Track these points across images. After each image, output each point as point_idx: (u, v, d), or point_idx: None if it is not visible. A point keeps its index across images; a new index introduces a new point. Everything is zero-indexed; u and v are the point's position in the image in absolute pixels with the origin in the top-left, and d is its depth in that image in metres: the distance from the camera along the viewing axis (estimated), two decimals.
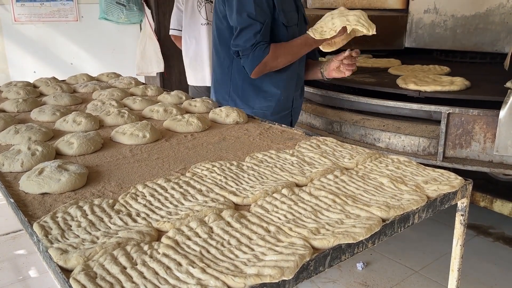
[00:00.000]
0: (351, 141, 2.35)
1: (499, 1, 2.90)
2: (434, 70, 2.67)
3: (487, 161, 2.01)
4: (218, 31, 1.98)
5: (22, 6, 3.98)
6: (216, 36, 2.00)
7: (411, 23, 3.37)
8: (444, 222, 2.83)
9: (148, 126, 1.48)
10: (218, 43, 2.00)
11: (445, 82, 2.21)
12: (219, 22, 1.96)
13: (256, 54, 1.83)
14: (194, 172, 1.17)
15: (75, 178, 1.09)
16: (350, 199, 0.98)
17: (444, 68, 2.70)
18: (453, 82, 2.22)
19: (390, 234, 0.91)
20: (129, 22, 4.36)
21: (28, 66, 4.11)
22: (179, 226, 0.87)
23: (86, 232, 0.86)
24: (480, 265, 2.45)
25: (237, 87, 2.00)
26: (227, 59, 1.99)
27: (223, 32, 1.96)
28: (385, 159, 1.25)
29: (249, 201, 0.99)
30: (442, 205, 1.04)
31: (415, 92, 2.16)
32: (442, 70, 2.68)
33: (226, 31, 1.94)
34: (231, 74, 1.99)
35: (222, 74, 2.04)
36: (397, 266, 2.47)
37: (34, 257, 2.61)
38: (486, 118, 1.96)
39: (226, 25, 1.92)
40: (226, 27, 1.93)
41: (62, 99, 1.96)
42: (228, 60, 1.99)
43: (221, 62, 2.01)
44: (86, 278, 0.71)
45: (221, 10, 1.92)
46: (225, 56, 1.99)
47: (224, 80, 2.03)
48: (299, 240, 0.81)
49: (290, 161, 1.23)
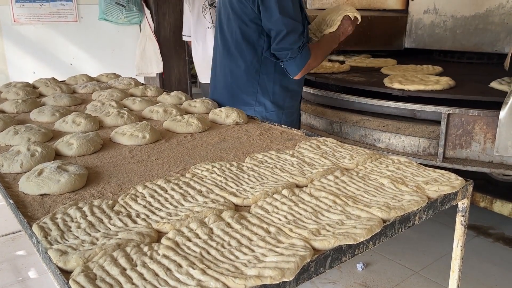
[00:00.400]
0: (351, 142, 2.35)
1: (499, 2, 2.90)
2: (426, 70, 2.69)
3: (487, 162, 2.01)
4: (244, 35, 1.92)
5: (21, 6, 3.98)
6: (241, 40, 1.93)
7: (411, 24, 3.37)
8: (444, 223, 2.83)
9: (148, 126, 1.48)
10: (243, 46, 1.94)
11: (431, 82, 2.24)
12: (244, 26, 1.90)
13: (303, 55, 1.85)
14: (194, 173, 1.16)
15: (74, 179, 1.09)
16: (350, 200, 0.98)
17: (437, 68, 2.72)
18: (439, 81, 2.25)
19: (391, 235, 0.91)
20: (128, 23, 4.36)
21: (28, 66, 4.10)
22: (179, 227, 0.87)
23: (85, 233, 0.86)
24: (480, 266, 2.45)
25: (266, 91, 1.97)
26: (256, 63, 1.94)
27: (251, 35, 1.91)
28: (386, 159, 1.25)
29: (249, 202, 0.99)
30: (443, 206, 1.03)
31: (399, 91, 2.21)
32: (435, 69, 2.70)
33: (254, 34, 1.90)
34: (259, 77, 1.95)
35: (248, 79, 1.96)
36: (397, 266, 2.47)
37: (33, 258, 2.60)
38: (486, 119, 1.96)
39: (254, 28, 1.89)
40: (254, 29, 1.89)
41: (62, 99, 1.95)
42: (257, 63, 1.94)
43: (248, 66, 1.95)
44: (86, 279, 0.71)
45: (248, 13, 1.87)
46: (252, 60, 1.94)
47: (250, 84, 1.97)
48: (299, 241, 0.80)
49: (290, 162, 1.23)
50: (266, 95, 1.97)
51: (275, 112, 1.99)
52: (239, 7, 1.89)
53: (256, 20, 1.87)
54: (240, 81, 1.98)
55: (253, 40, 1.91)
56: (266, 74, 1.95)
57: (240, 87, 1.99)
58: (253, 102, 1.98)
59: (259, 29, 1.89)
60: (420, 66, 2.79)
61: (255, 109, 1.98)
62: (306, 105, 2.67)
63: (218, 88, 2.10)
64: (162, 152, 1.36)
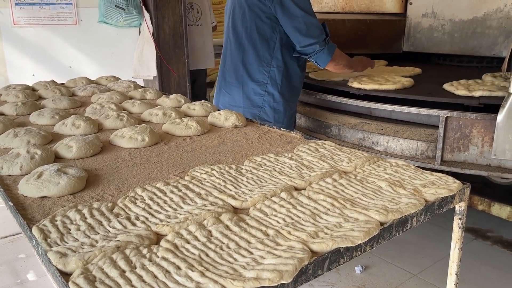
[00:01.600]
0: (350, 145, 2.36)
1: (497, 6, 2.92)
2: (405, 71, 2.83)
3: (485, 165, 2.02)
4: (259, 30, 2.10)
5: (21, 9, 3.98)
6: (256, 34, 2.11)
7: (409, 27, 3.38)
8: (442, 226, 2.83)
9: (147, 129, 1.48)
10: (258, 41, 2.12)
11: (390, 82, 2.40)
12: (259, 21, 2.09)
13: (330, 46, 2.05)
14: (193, 175, 1.17)
15: (74, 182, 1.09)
16: (348, 203, 0.99)
17: (416, 69, 2.85)
18: (398, 82, 2.39)
19: (389, 237, 0.92)
20: (128, 26, 4.36)
21: (27, 69, 4.10)
22: (178, 229, 0.88)
23: (85, 236, 0.86)
24: (478, 269, 2.45)
25: (275, 82, 2.15)
26: (268, 56, 2.12)
27: (265, 30, 2.10)
28: (384, 162, 1.26)
29: (248, 205, 1.00)
30: (440, 209, 1.04)
31: (355, 90, 2.41)
32: (414, 71, 2.83)
33: (269, 29, 2.09)
34: (270, 70, 2.14)
35: (260, 70, 2.15)
36: (395, 269, 2.47)
37: (32, 260, 2.60)
38: (484, 122, 1.97)
39: (270, 24, 2.07)
40: (270, 25, 2.08)
41: (61, 102, 1.96)
42: (269, 56, 2.12)
43: (260, 59, 2.13)
44: (85, 281, 0.71)
45: (265, 10, 2.05)
46: (264, 53, 2.12)
47: (261, 75, 2.15)
48: (297, 244, 0.81)
49: (288, 165, 1.23)
50: (275, 86, 2.15)
51: (282, 102, 2.17)
52: (256, 5, 2.07)
53: (271, 17, 2.06)
54: (252, 72, 2.16)
55: (267, 35, 2.10)
56: (276, 67, 2.13)
57: (252, 77, 2.17)
58: (263, 92, 2.16)
59: (273, 25, 2.07)
60: (401, 68, 2.92)
61: (264, 98, 2.16)
62: (304, 108, 2.68)
63: (227, 79, 2.28)
64: (161, 155, 1.37)
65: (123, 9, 4.23)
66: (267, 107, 2.15)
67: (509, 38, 2.87)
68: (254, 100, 2.15)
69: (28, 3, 4.00)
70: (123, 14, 4.25)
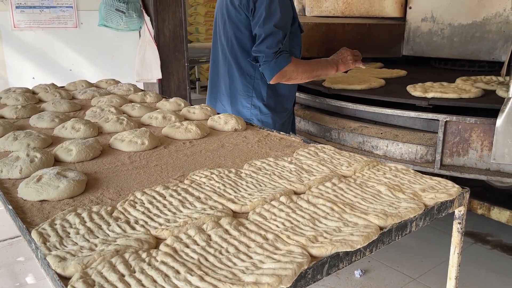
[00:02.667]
0: (349, 149, 2.36)
1: (496, 10, 2.93)
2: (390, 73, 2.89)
3: (485, 169, 2.02)
4: (239, 42, 2.03)
5: (21, 12, 3.99)
6: (236, 46, 2.04)
7: (409, 32, 3.39)
8: (442, 229, 2.83)
9: (147, 133, 1.49)
10: (239, 53, 2.05)
11: (364, 83, 2.48)
12: (239, 32, 2.01)
13: (279, 61, 1.91)
14: (193, 179, 1.17)
15: (73, 185, 1.09)
16: (348, 207, 0.99)
17: (401, 72, 2.92)
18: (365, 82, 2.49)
19: (388, 242, 0.92)
20: (128, 29, 4.37)
21: (27, 72, 4.11)
22: (177, 233, 0.88)
23: (84, 240, 0.86)
24: (477, 273, 2.45)
25: (260, 94, 2.08)
26: (250, 68, 2.05)
27: (245, 42, 2.02)
28: (383, 167, 1.26)
29: (247, 209, 1.00)
30: (440, 213, 1.04)
31: (326, 89, 2.49)
32: (398, 73, 2.91)
33: (248, 41, 2.00)
34: (254, 83, 2.06)
35: (244, 83, 2.08)
36: (395, 273, 2.47)
37: (31, 264, 2.59)
38: (483, 126, 1.97)
39: (248, 35, 1.99)
40: (248, 36, 1.99)
41: (61, 105, 1.96)
42: (251, 69, 2.05)
43: (242, 71, 2.07)
44: (84, 285, 0.71)
45: (242, 20, 1.98)
46: (246, 65, 2.05)
47: (246, 88, 2.08)
48: (297, 248, 0.81)
49: (288, 169, 1.24)
50: (260, 99, 2.08)
51: (269, 114, 2.10)
52: (234, 15, 1.99)
53: (250, 27, 1.97)
54: (237, 85, 2.10)
55: (247, 47, 2.01)
56: (260, 79, 2.05)
57: (238, 91, 2.10)
58: (249, 105, 2.10)
59: (251, 36, 1.98)
60: (388, 70, 2.99)
61: (251, 111, 2.09)
62: (304, 111, 2.69)
63: (220, 91, 2.22)
64: (161, 158, 1.37)
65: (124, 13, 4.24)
66: (254, 120, 2.08)
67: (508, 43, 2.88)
68: (243, 113, 2.09)
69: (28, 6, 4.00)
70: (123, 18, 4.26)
